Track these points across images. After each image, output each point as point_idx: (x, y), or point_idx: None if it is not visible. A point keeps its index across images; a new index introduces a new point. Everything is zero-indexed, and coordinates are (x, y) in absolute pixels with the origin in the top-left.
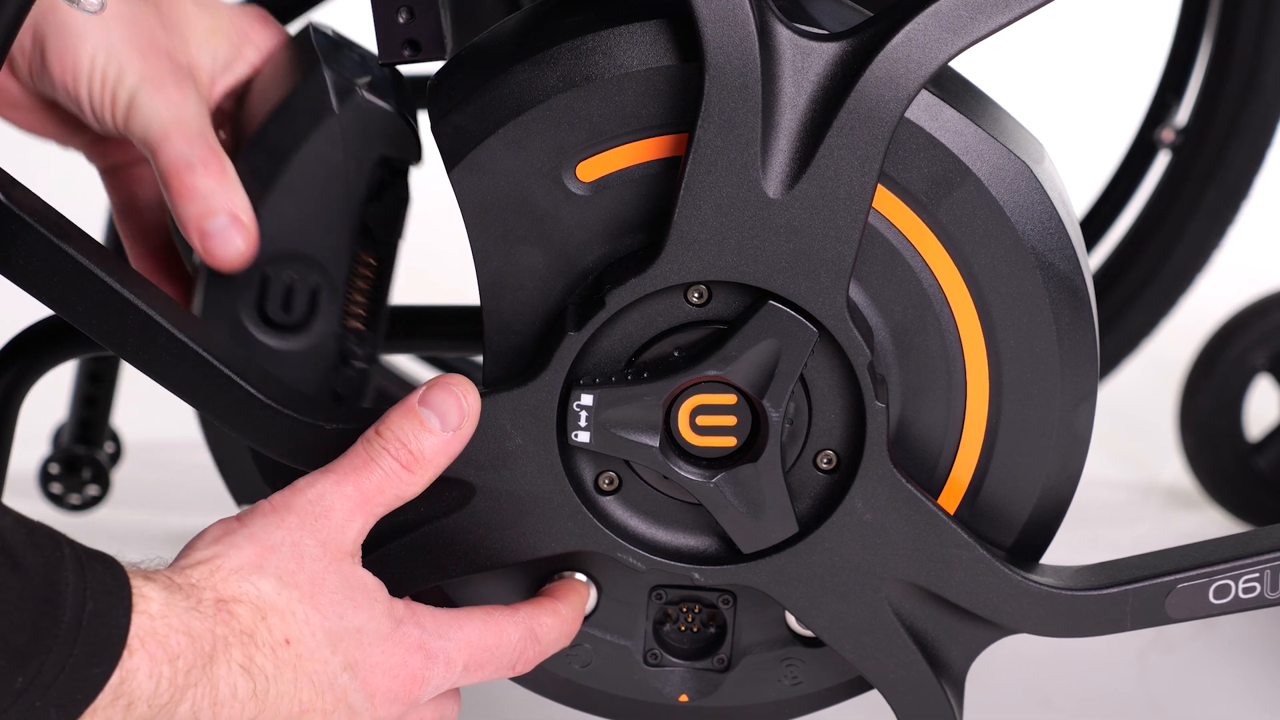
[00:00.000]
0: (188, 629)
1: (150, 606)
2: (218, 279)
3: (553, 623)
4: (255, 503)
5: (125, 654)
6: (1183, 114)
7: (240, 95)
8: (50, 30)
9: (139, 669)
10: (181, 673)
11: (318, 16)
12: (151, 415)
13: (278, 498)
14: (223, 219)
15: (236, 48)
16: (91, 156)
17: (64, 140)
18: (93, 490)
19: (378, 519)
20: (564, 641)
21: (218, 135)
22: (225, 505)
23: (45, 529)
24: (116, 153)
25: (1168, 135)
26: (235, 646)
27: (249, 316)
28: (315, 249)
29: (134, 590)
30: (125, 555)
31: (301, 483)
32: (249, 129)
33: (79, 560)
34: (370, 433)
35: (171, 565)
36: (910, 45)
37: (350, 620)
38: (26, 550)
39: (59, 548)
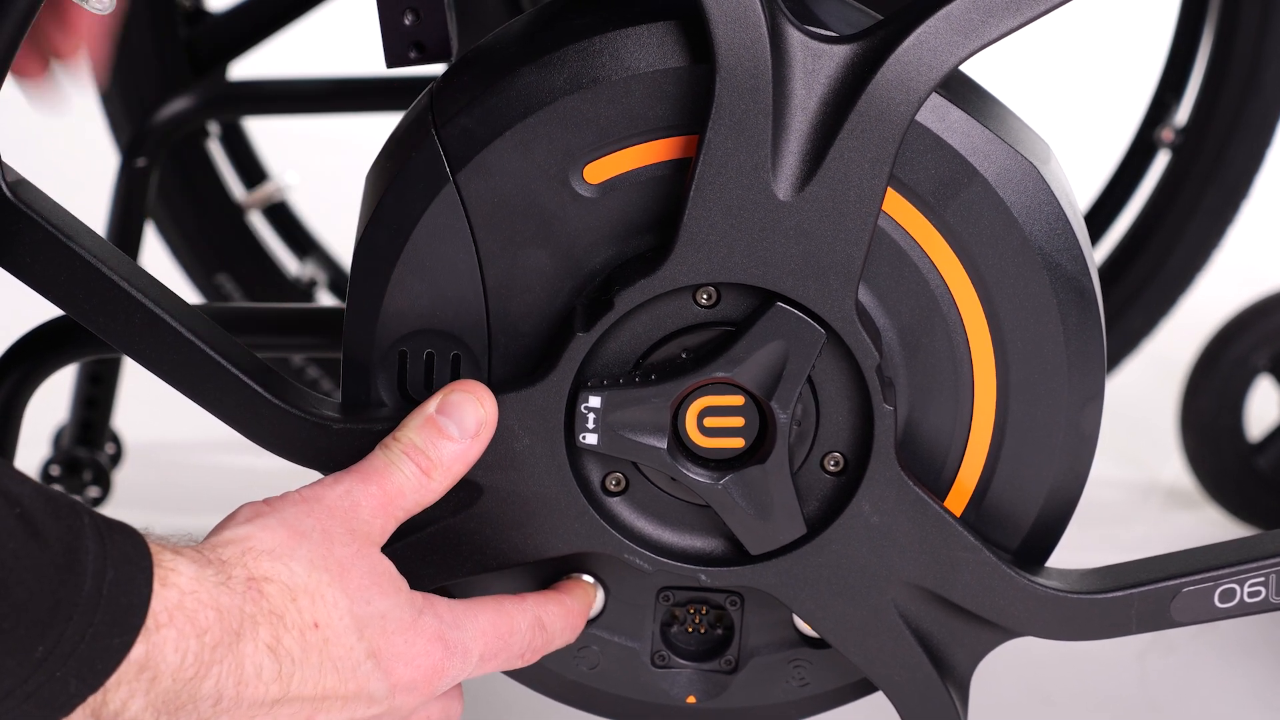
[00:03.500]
0: (217, 604)
1: (180, 580)
2: (354, 364)
3: (559, 612)
4: (283, 494)
5: (153, 626)
6: (1183, 114)
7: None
8: None
9: (166, 642)
10: (208, 648)
11: (319, 17)
12: (152, 417)
13: (306, 490)
14: None
15: None
16: None
17: None
18: (93, 492)
19: (400, 523)
20: (569, 635)
21: None
22: (225, 506)
23: (65, 498)
24: None
25: (1168, 135)
26: (263, 626)
27: (391, 399)
28: (447, 322)
29: (164, 563)
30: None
31: (329, 479)
32: (370, 204)
33: (99, 529)
34: (389, 440)
35: (201, 543)
36: (921, 48)
37: (377, 605)
38: (47, 518)
39: (79, 516)
